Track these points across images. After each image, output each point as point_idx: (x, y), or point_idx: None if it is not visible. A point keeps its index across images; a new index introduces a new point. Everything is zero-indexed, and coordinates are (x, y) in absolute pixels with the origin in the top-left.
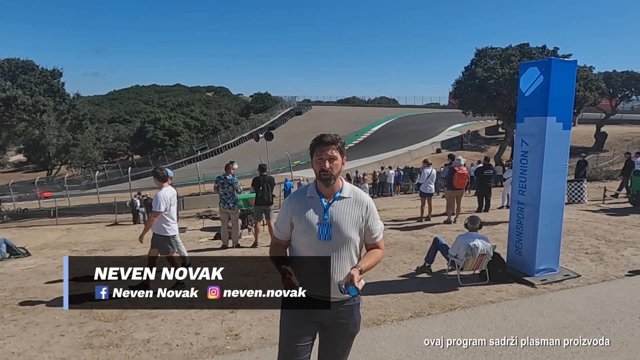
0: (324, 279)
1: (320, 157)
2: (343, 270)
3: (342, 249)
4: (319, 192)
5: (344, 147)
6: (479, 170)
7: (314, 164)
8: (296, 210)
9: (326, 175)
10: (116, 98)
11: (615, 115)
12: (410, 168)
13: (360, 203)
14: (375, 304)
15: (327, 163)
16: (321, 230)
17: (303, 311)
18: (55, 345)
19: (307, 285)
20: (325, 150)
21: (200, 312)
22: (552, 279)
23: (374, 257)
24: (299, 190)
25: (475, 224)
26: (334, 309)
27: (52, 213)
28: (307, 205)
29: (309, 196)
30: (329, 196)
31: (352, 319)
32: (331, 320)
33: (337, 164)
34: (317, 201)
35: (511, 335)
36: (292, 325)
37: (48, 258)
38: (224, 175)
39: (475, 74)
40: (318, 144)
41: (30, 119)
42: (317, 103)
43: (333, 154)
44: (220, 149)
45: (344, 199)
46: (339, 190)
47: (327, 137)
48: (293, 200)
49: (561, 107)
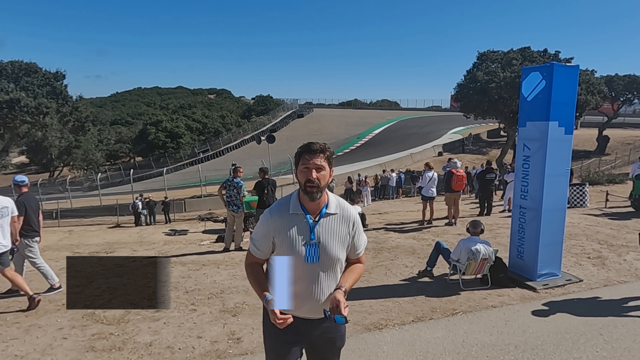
0: (308, 301)
1: (306, 166)
2: (329, 289)
3: (328, 269)
4: (304, 207)
5: (333, 157)
6: (481, 174)
7: (298, 174)
8: (279, 228)
9: (312, 187)
10: (118, 100)
11: (618, 118)
12: (411, 171)
13: (347, 219)
14: (377, 308)
15: (314, 173)
16: (308, 252)
17: (288, 333)
18: (58, 348)
19: (293, 309)
20: (312, 158)
21: (202, 316)
22: (554, 284)
23: (356, 274)
24: (280, 203)
25: (477, 228)
26: (319, 326)
27: (54, 215)
28: (291, 223)
29: (292, 212)
30: (314, 212)
31: (339, 332)
32: (317, 338)
33: (325, 175)
34: (302, 218)
35: (513, 340)
36: (276, 349)
37: (50, 260)
38: (232, 178)
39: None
40: (305, 152)
41: (33, 121)
42: (318, 106)
43: (321, 163)
44: (221, 151)
45: (330, 215)
46: (325, 205)
47: (315, 144)
48: (275, 217)
49: (563, 112)
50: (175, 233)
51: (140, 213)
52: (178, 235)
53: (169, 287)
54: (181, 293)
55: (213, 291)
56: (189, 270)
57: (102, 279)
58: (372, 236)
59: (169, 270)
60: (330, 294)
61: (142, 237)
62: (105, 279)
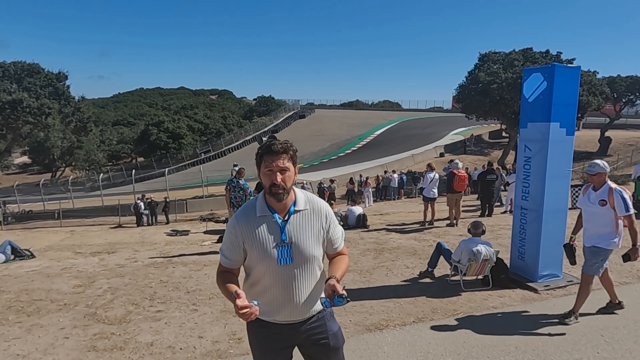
0: (287, 304)
1: (269, 168)
2: (307, 290)
3: (304, 268)
4: (270, 207)
5: (296, 155)
6: (482, 175)
7: (262, 176)
8: (247, 233)
9: (278, 190)
10: (120, 101)
11: (620, 119)
12: (413, 172)
13: (319, 213)
14: (377, 309)
15: (278, 176)
16: (280, 253)
17: (271, 340)
18: (60, 348)
19: (270, 314)
20: (275, 160)
21: (204, 316)
22: (556, 285)
23: (344, 263)
24: (246, 207)
25: (478, 229)
26: (304, 329)
27: (56, 215)
28: (259, 226)
29: (259, 215)
30: (282, 211)
31: (330, 332)
32: (306, 340)
33: (290, 176)
34: (270, 219)
35: (514, 340)
36: (262, 358)
37: (52, 260)
38: (236, 180)
39: (479, 78)
40: (266, 153)
41: (35, 122)
42: (320, 106)
43: (285, 164)
44: (223, 152)
45: (300, 212)
46: (293, 202)
47: (276, 144)
48: (242, 222)
49: (565, 113)
50: (176, 233)
51: (142, 213)
52: (179, 236)
53: (170, 287)
54: (182, 293)
55: (214, 291)
56: (190, 271)
57: (103, 279)
58: (373, 237)
59: (170, 271)
60: (311, 295)
61: (144, 237)
62: (106, 279)
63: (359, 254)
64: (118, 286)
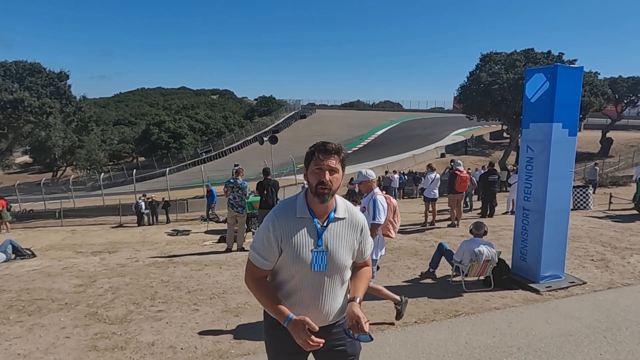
0: (312, 309)
1: (319, 166)
2: (335, 297)
3: (335, 276)
4: (312, 211)
5: (346, 161)
6: (484, 175)
7: (309, 175)
8: (286, 233)
9: (324, 190)
10: (122, 100)
11: (621, 120)
12: (414, 172)
13: (356, 225)
14: (379, 309)
15: (327, 175)
16: (315, 259)
17: (290, 344)
18: (61, 347)
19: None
20: (326, 159)
21: (205, 316)
22: (558, 286)
23: (365, 280)
24: (285, 206)
25: (480, 230)
26: (325, 334)
27: (57, 214)
28: (297, 228)
29: (299, 216)
30: (322, 216)
31: (347, 340)
32: (324, 345)
33: (338, 178)
34: (310, 223)
35: (516, 342)
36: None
37: (53, 259)
38: (234, 179)
39: (480, 78)
40: (319, 152)
41: (36, 121)
42: (321, 107)
43: (335, 165)
44: (224, 151)
45: (339, 220)
46: (333, 209)
47: (330, 144)
48: (281, 221)
49: (567, 114)
50: (177, 233)
51: (142, 213)
52: (180, 236)
53: (171, 287)
54: (184, 293)
55: (215, 291)
56: (191, 271)
57: (104, 279)
58: None
59: (171, 270)
60: (336, 303)
61: (145, 237)
62: (107, 278)
63: None
64: (119, 286)
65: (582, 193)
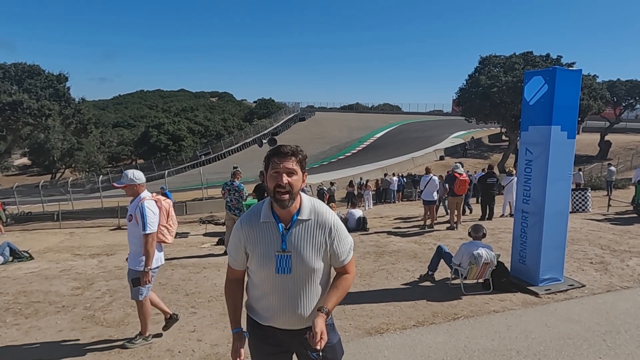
0: (284, 312)
1: (276, 170)
2: (306, 301)
3: (303, 279)
4: (275, 215)
5: (305, 161)
6: (482, 178)
7: (268, 179)
8: (250, 237)
9: (283, 193)
10: (121, 103)
11: (620, 123)
12: (413, 175)
13: (323, 225)
14: (378, 312)
15: (284, 177)
16: (279, 262)
17: (269, 344)
18: (58, 350)
19: (268, 319)
20: (282, 162)
21: (203, 319)
22: (557, 289)
23: (341, 289)
24: (251, 212)
25: (479, 233)
26: (301, 337)
27: (56, 217)
28: (261, 232)
29: (263, 221)
30: (286, 220)
31: (328, 344)
32: (303, 348)
33: (297, 180)
34: (273, 227)
35: (515, 345)
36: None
37: (51, 262)
38: (231, 182)
39: (479, 81)
40: (274, 155)
41: (35, 123)
42: (320, 109)
43: (292, 167)
44: (223, 154)
45: (303, 222)
46: (297, 211)
47: (285, 147)
48: (245, 226)
49: (566, 116)
50: (176, 235)
51: None
52: (179, 238)
53: (169, 289)
54: (181, 296)
55: (213, 294)
56: (189, 273)
57: (102, 281)
58: (373, 240)
59: (169, 273)
60: (310, 306)
61: None
62: (105, 281)
63: (359, 257)
64: (117, 288)
65: (581, 195)
